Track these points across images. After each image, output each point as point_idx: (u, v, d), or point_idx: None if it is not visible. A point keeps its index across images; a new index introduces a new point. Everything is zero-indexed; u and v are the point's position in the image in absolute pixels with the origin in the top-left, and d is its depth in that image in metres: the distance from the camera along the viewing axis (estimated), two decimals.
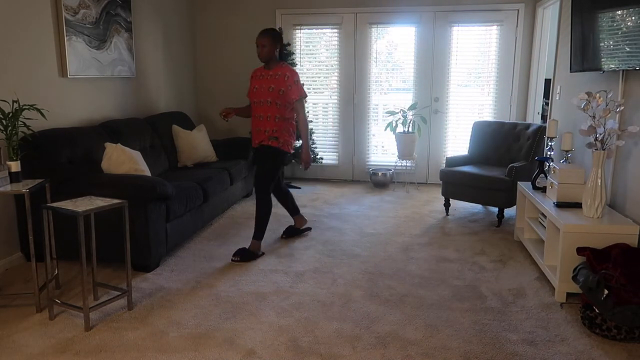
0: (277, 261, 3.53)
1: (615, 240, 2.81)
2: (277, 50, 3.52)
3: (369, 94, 6.07)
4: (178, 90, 5.88)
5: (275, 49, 3.51)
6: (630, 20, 2.95)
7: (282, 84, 3.47)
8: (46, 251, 2.76)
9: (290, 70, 3.51)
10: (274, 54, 3.51)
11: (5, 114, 2.75)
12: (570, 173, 3.26)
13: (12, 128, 2.74)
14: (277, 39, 3.51)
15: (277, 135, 3.53)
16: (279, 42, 3.53)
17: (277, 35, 3.52)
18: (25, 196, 2.65)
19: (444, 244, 3.90)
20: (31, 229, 2.72)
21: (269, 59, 3.51)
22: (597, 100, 3.02)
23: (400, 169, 6.15)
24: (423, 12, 5.77)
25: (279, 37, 3.53)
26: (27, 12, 3.49)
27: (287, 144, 3.60)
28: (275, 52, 3.52)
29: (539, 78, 5.53)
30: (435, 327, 2.62)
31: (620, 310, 2.40)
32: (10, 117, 2.75)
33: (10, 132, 2.73)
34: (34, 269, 2.70)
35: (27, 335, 2.52)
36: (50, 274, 2.88)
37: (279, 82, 3.48)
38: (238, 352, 2.38)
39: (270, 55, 3.50)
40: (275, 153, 3.57)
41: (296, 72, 3.54)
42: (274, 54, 3.51)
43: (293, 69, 3.54)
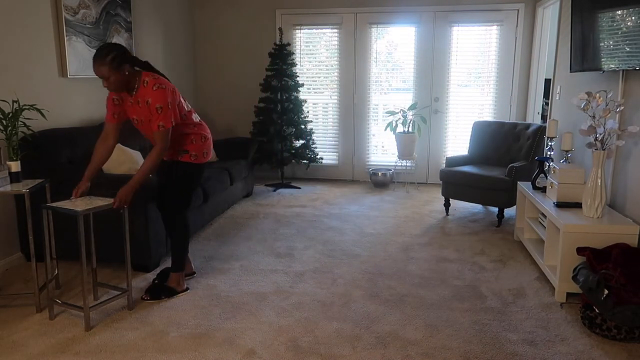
0: (277, 261, 3.53)
1: (615, 240, 2.81)
2: (126, 68, 2.60)
3: (369, 94, 6.07)
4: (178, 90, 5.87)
5: (123, 70, 2.58)
6: (630, 20, 2.95)
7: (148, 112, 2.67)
8: (46, 251, 2.77)
9: (157, 92, 2.60)
10: (125, 77, 2.60)
11: (5, 114, 2.75)
12: (570, 173, 3.26)
13: (12, 128, 2.74)
14: (116, 60, 2.54)
15: (186, 148, 2.87)
16: (121, 60, 2.56)
17: (114, 54, 2.54)
18: (25, 196, 2.65)
19: (444, 244, 3.90)
20: (31, 229, 2.72)
21: (124, 87, 2.65)
22: (597, 100, 3.02)
23: (400, 169, 6.15)
24: (423, 12, 5.77)
25: (118, 53, 2.56)
26: (27, 12, 3.49)
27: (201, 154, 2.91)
28: (124, 75, 2.60)
29: (539, 78, 5.53)
30: (435, 327, 2.62)
31: (620, 310, 2.40)
32: (10, 117, 2.75)
33: (10, 132, 2.73)
34: (34, 269, 2.71)
35: (27, 335, 2.51)
36: (50, 274, 2.88)
37: (148, 111, 2.67)
38: (238, 352, 2.38)
39: (121, 84, 2.61)
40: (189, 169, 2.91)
41: (164, 91, 2.60)
42: (125, 77, 2.60)
43: (161, 87, 2.61)
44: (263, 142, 5.69)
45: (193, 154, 2.88)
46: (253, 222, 4.45)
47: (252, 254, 3.66)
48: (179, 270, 2.98)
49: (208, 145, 2.97)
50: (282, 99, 5.61)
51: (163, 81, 2.67)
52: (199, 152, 2.90)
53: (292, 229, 4.25)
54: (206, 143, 2.95)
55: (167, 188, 2.95)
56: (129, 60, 2.62)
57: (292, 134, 5.69)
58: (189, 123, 2.87)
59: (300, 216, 4.65)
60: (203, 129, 2.95)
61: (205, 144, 2.93)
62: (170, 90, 2.66)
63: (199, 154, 2.90)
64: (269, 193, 5.60)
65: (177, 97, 2.76)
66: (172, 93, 2.68)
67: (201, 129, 2.94)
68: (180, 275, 2.98)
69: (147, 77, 2.66)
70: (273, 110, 5.60)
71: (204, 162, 2.95)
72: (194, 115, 2.93)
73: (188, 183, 2.93)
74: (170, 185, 2.92)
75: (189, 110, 2.89)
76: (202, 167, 2.96)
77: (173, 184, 2.91)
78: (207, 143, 2.96)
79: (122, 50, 2.60)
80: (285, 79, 5.58)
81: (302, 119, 5.75)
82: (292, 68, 5.66)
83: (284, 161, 5.75)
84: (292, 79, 5.64)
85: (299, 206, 5.02)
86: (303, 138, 5.76)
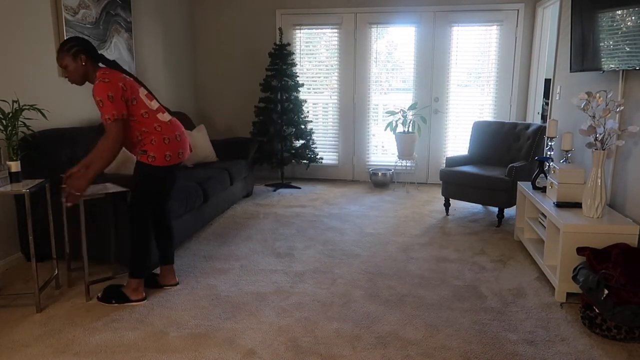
0: (277, 261, 3.53)
1: (615, 240, 2.81)
2: (82, 59, 2.66)
3: (369, 94, 6.07)
4: (178, 90, 5.88)
5: (79, 60, 2.65)
6: (630, 20, 2.95)
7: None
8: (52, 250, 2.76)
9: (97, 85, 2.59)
10: (82, 67, 2.67)
11: (5, 114, 2.74)
12: (570, 173, 3.26)
13: (12, 128, 2.73)
14: (72, 49, 2.64)
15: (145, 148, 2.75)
16: (78, 51, 2.65)
17: (72, 44, 2.65)
18: (25, 196, 2.65)
19: (444, 244, 3.90)
20: (31, 229, 2.71)
21: (83, 78, 2.71)
22: (597, 100, 3.02)
23: (400, 169, 6.15)
24: (423, 12, 5.77)
25: (76, 44, 2.65)
26: (27, 12, 3.49)
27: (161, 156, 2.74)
28: (80, 65, 2.66)
29: (539, 78, 5.53)
30: (435, 327, 2.62)
31: (620, 310, 2.40)
32: (10, 117, 2.74)
33: (10, 132, 2.72)
34: (34, 269, 2.70)
35: (27, 335, 2.51)
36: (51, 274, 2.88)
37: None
38: (238, 352, 2.38)
39: (78, 74, 2.68)
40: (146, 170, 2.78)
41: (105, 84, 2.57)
42: (82, 67, 2.67)
43: (104, 81, 2.58)
44: (263, 142, 5.70)
45: (151, 155, 2.71)
46: (253, 222, 4.45)
47: (252, 254, 3.66)
48: (136, 276, 2.83)
49: (173, 147, 2.77)
50: (282, 99, 5.61)
51: (111, 75, 2.61)
52: (159, 154, 2.72)
53: (292, 229, 4.25)
54: (170, 145, 2.76)
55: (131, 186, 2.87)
56: (91, 54, 2.68)
57: (292, 134, 5.69)
58: (152, 122, 2.73)
59: (300, 216, 4.65)
60: (169, 131, 2.78)
61: (168, 146, 2.75)
62: (114, 84, 2.59)
63: (159, 156, 2.72)
64: (269, 193, 5.60)
65: (131, 93, 2.67)
66: (116, 87, 2.59)
67: (167, 130, 2.77)
68: (138, 282, 2.84)
69: (99, 72, 2.64)
70: (273, 110, 5.60)
71: (166, 165, 2.76)
72: (160, 115, 2.78)
73: (144, 185, 2.79)
74: (132, 184, 2.83)
75: (155, 109, 2.77)
76: (162, 170, 2.76)
77: (134, 184, 2.81)
78: (172, 146, 2.77)
79: (84, 43, 2.68)
80: (285, 79, 5.58)
81: (302, 119, 5.75)
82: (292, 68, 5.66)
83: (284, 161, 5.75)
84: (292, 79, 5.64)
85: (299, 206, 5.02)
86: (303, 138, 5.76)
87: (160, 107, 2.84)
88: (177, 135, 2.82)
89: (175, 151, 2.80)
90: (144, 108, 2.73)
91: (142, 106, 2.73)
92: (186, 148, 2.90)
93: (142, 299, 2.87)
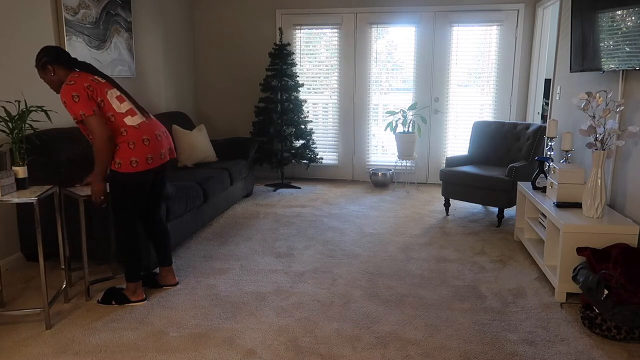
0: (277, 261, 3.53)
1: (615, 240, 2.81)
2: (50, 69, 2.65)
3: (369, 94, 6.07)
4: (178, 90, 5.88)
5: (48, 71, 2.66)
6: (630, 20, 2.95)
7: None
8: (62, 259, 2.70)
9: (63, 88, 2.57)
10: (53, 77, 2.67)
11: (11, 116, 2.60)
12: (570, 173, 3.26)
13: (19, 131, 2.61)
14: (40, 62, 2.65)
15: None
16: (45, 62, 2.64)
17: (40, 56, 2.66)
18: (35, 205, 2.50)
19: (444, 244, 3.90)
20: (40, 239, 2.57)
21: (57, 88, 2.70)
22: (597, 100, 3.02)
23: (400, 169, 6.15)
24: (423, 12, 5.77)
25: (43, 55, 2.65)
26: (27, 12, 3.49)
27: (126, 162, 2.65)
28: (50, 76, 2.67)
29: (539, 78, 5.53)
30: (435, 327, 2.62)
31: (620, 310, 2.40)
32: (17, 119, 2.60)
33: (16, 135, 2.60)
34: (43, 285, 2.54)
35: (26, 335, 2.51)
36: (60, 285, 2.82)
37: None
38: (238, 352, 2.38)
39: (53, 84, 2.69)
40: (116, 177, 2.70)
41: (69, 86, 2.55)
42: (53, 77, 2.67)
43: (68, 83, 2.57)
44: (263, 142, 5.70)
45: (117, 161, 2.64)
46: (253, 222, 4.45)
47: (252, 254, 3.66)
48: (131, 279, 2.85)
49: (140, 152, 2.66)
50: (282, 99, 5.62)
51: (77, 77, 2.59)
52: (124, 160, 2.64)
53: (292, 229, 4.25)
54: (136, 151, 2.65)
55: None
56: (61, 62, 2.65)
57: (292, 134, 5.69)
58: (118, 127, 2.66)
59: (300, 216, 4.65)
60: (135, 135, 2.66)
61: (134, 152, 2.64)
62: (79, 85, 2.56)
63: (124, 162, 2.63)
64: (269, 193, 5.60)
65: (96, 94, 2.61)
66: (80, 88, 2.55)
67: (133, 134, 2.66)
68: (135, 285, 2.86)
69: (69, 76, 2.62)
70: (273, 110, 5.60)
71: (134, 171, 2.66)
72: (128, 118, 2.68)
73: (115, 191, 2.73)
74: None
75: (123, 113, 2.68)
76: (130, 176, 2.66)
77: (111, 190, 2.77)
78: (138, 150, 2.65)
79: (50, 53, 2.65)
80: (285, 79, 5.58)
81: (302, 119, 5.75)
82: (292, 68, 5.66)
83: (284, 161, 5.75)
84: (292, 79, 5.64)
85: (299, 206, 5.02)
86: (303, 138, 5.76)
87: (131, 109, 2.72)
88: (144, 140, 2.69)
89: (143, 156, 2.67)
90: (110, 111, 2.65)
91: (109, 109, 2.65)
92: (160, 151, 2.76)
93: (142, 299, 2.89)
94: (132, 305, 2.85)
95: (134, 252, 2.82)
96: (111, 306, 2.84)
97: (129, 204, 2.76)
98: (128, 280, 2.86)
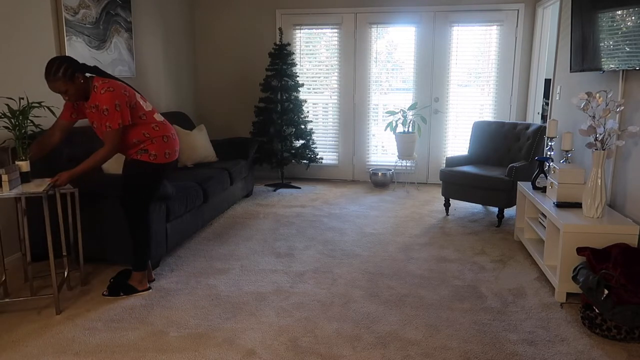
0: (277, 261, 3.53)
1: (615, 240, 2.81)
2: (80, 77, 2.69)
3: (369, 94, 6.07)
4: (178, 90, 5.88)
5: (77, 79, 2.67)
6: (630, 20, 2.95)
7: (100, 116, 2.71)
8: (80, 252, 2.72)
9: (104, 95, 2.65)
10: (81, 85, 2.70)
11: (13, 112, 2.69)
12: (570, 173, 3.26)
13: (21, 127, 2.70)
14: (68, 71, 2.63)
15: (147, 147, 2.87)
16: (73, 70, 2.65)
17: (64, 66, 2.63)
18: (43, 199, 2.58)
19: (444, 244, 3.90)
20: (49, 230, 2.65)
21: (84, 95, 2.75)
22: (597, 100, 3.02)
23: (400, 169, 6.15)
24: (423, 12, 5.77)
25: (68, 65, 2.64)
26: (27, 12, 3.49)
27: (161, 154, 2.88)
28: (79, 84, 2.69)
29: (539, 78, 5.53)
30: (435, 327, 2.62)
31: (620, 310, 2.40)
32: (19, 115, 2.69)
33: (19, 131, 2.69)
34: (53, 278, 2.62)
35: (26, 335, 2.51)
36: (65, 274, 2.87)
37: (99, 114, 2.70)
38: (238, 352, 2.38)
39: (79, 93, 2.72)
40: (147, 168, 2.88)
41: (111, 94, 2.65)
42: (81, 85, 2.70)
43: (109, 90, 2.65)
44: (263, 142, 5.70)
45: (152, 153, 2.86)
46: (253, 222, 4.45)
47: (252, 254, 3.66)
48: (139, 269, 2.98)
49: (171, 145, 2.94)
50: (282, 99, 5.62)
51: (112, 84, 2.71)
52: (159, 152, 2.88)
53: (292, 229, 4.25)
54: (168, 144, 2.92)
55: (124, 185, 2.94)
56: (79, 68, 2.70)
57: (292, 134, 5.69)
58: (150, 123, 2.87)
59: (300, 216, 4.65)
60: (165, 130, 2.93)
61: (167, 145, 2.91)
62: (119, 92, 2.69)
63: (159, 154, 2.88)
64: (269, 193, 5.60)
65: (131, 98, 2.78)
66: (121, 95, 2.69)
67: (164, 129, 2.92)
68: (142, 274, 2.99)
69: (97, 82, 2.72)
70: (273, 110, 5.60)
71: (165, 162, 2.92)
72: (155, 115, 2.92)
73: (145, 181, 2.91)
74: (127, 183, 2.91)
75: (150, 110, 2.90)
76: (161, 167, 2.92)
77: (130, 181, 2.90)
78: (170, 144, 2.93)
79: (70, 60, 2.68)
80: (285, 79, 5.58)
81: (302, 119, 5.75)
82: (292, 68, 5.66)
83: (284, 161, 5.75)
84: (292, 79, 5.64)
85: (299, 206, 5.02)
86: (303, 138, 5.76)
87: (153, 107, 2.97)
88: (172, 134, 2.99)
89: (173, 148, 2.97)
90: (141, 110, 2.86)
91: (140, 109, 2.85)
92: (178, 146, 3.06)
93: (147, 288, 3.01)
94: (139, 294, 2.96)
95: (147, 242, 2.97)
96: (119, 297, 2.91)
97: (151, 194, 2.95)
98: (136, 270, 2.98)
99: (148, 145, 2.86)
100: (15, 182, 2.65)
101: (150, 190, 2.93)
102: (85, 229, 3.24)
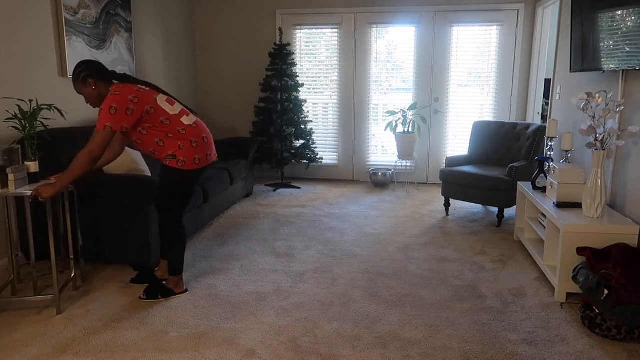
0: (277, 261, 3.53)
1: (615, 240, 2.81)
2: (91, 83, 2.69)
3: (369, 94, 6.07)
4: (178, 90, 5.88)
5: (89, 85, 2.69)
6: (630, 20, 2.95)
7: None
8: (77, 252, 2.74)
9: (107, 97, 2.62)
10: (94, 91, 2.71)
11: (24, 113, 2.72)
12: (570, 173, 3.26)
13: (31, 128, 2.73)
14: (81, 75, 2.68)
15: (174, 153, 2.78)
16: (86, 75, 2.68)
17: (80, 69, 2.69)
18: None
19: (444, 244, 3.90)
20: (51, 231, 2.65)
21: (99, 100, 2.74)
22: (597, 100, 3.02)
23: (400, 169, 6.15)
24: (423, 12, 5.77)
25: (83, 69, 2.69)
26: (27, 12, 3.49)
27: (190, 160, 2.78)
28: (91, 90, 2.70)
29: (539, 78, 5.53)
30: (435, 327, 2.62)
31: (620, 310, 2.40)
32: (29, 117, 2.73)
33: (28, 132, 2.72)
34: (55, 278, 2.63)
35: (27, 334, 2.51)
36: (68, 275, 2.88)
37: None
38: (238, 352, 2.38)
39: (93, 98, 2.73)
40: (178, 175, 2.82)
41: (113, 97, 2.59)
42: (94, 91, 2.71)
43: (114, 93, 2.61)
44: (263, 142, 5.70)
45: (181, 159, 2.75)
46: (253, 222, 4.45)
47: (252, 254, 3.66)
48: (176, 273, 2.98)
49: (201, 150, 2.80)
50: (282, 99, 5.62)
51: (123, 89, 2.63)
52: (188, 158, 2.76)
53: (292, 229, 4.25)
54: (198, 148, 2.79)
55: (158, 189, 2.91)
56: (102, 75, 2.69)
57: (292, 134, 5.69)
58: (175, 127, 2.74)
59: (300, 216, 4.65)
60: (194, 134, 2.79)
61: (196, 150, 2.78)
62: (123, 97, 2.59)
63: (188, 160, 2.76)
64: (269, 193, 5.60)
65: (143, 105, 2.65)
66: (124, 100, 2.59)
67: (192, 133, 2.78)
68: (179, 278, 2.99)
69: (114, 87, 2.67)
70: (273, 110, 5.60)
71: (196, 168, 2.80)
72: (184, 118, 2.78)
73: (176, 189, 2.84)
74: (160, 187, 2.87)
75: (177, 114, 2.76)
76: (192, 173, 2.81)
77: (162, 187, 2.86)
78: (200, 148, 2.80)
79: (91, 66, 2.69)
80: (285, 79, 5.58)
81: (302, 119, 5.75)
82: (292, 68, 5.66)
83: (284, 161, 5.76)
84: (292, 79, 5.64)
85: (299, 206, 5.02)
86: (303, 138, 5.77)
87: (183, 109, 2.82)
88: (204, 138, 2.84)
89: (204, 153, 2.83)
90: (163, 115, 2.72)
91: (162, 113, 2.72)
92: (213, 150, 2.93)
93: (184, 291, 3.02)
94: (178, 297, 2.97)
95: (181, 247, 2.95)
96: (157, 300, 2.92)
97: (184, 200, 2.90)
98: (173, 274, 2.97)
99: (176, 151, 2.75)
100: (21, 182, 2.65)
101: (181, 197, 2.88)
102: (85, 229, 3.24)
